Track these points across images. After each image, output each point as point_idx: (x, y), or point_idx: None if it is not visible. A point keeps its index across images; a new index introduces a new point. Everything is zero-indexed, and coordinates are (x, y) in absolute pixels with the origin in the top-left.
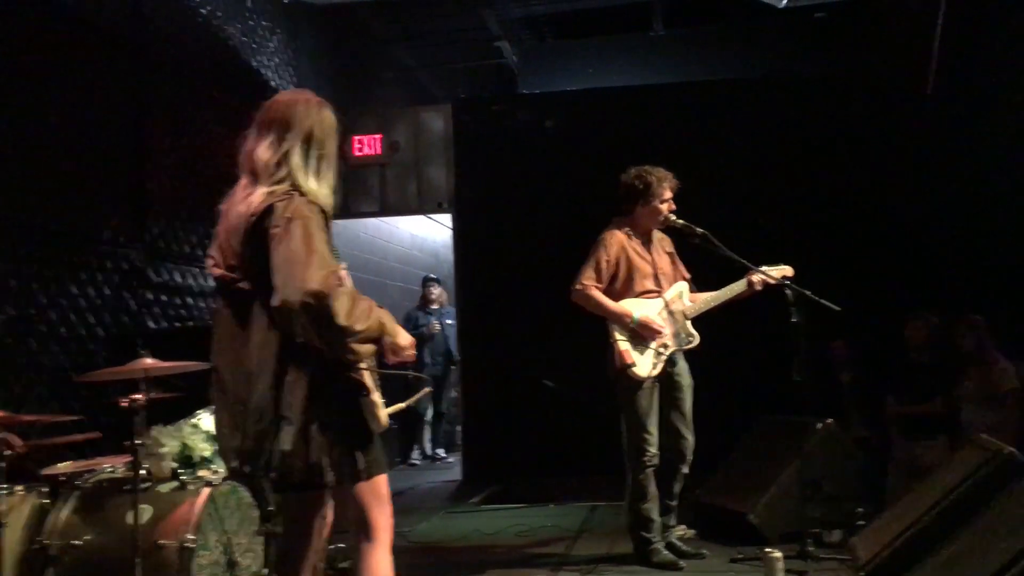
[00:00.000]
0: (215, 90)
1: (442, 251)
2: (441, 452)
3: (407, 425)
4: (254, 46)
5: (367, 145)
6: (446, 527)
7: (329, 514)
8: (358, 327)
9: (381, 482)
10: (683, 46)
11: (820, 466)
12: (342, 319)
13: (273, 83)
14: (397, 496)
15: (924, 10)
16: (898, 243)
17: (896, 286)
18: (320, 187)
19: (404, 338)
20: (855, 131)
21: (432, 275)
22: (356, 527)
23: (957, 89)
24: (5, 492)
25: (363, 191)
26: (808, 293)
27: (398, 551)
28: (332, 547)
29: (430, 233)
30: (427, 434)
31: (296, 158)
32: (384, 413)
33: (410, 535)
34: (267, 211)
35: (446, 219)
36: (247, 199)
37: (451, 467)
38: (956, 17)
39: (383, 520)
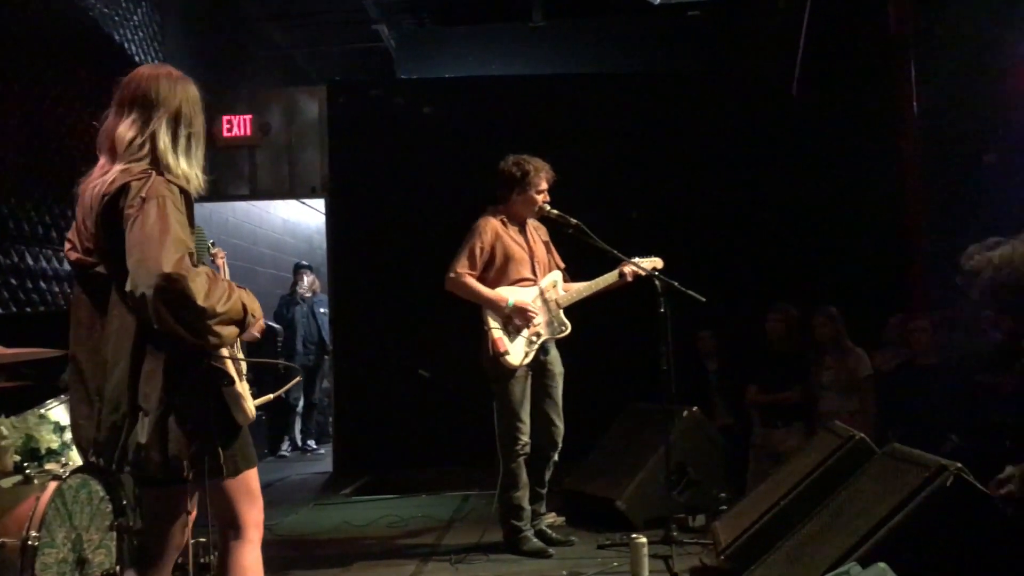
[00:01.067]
0: (72, 63)
1: (316, 237)
2: (312, 443)
3: (277, 416)
4: (116, 18)
5: (237, 126)
6: (315, 520)
7: (193, 509)
8: (219, 308)
9: (251, 477)
10: (562, 38)
11: (685, 452)
12: (200, 300)
13: (137, 58)
14: (265, 489)
15: (790, 12)
16: (762, 237)
17: (759, 279)
18: (191, 167)
19: (257, 325)
20: (724, 128)
21: (304, 262)
22: (223, 524)
23: (820, 91)
24: None
25: (233, 174)
26: (676, 284)
27: (263, 545)
28: (193, 541)
29: (303, 219)
30: (298, 425)
31: (163, 137)
32: (251, 404)
33: (276, 528)
34: (122, 190)
35: (320, 204)
36: (103, 178)
37: (322, 458)
38: (820, 20)
39: (252, 516)
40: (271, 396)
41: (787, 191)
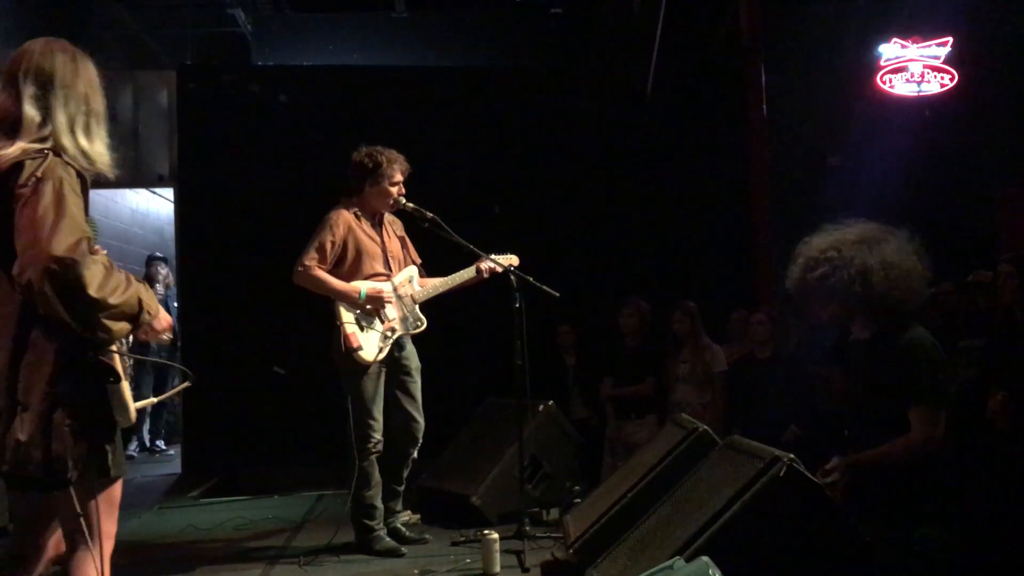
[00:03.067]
0: None
1: (167, 229)
2: (161, 444)
3: None
4: None
5: None
6: (159, 524)
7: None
8: (112, 300)
9: (117, 486)
10: (424, 29)
11: (540, 447)
12: (93, 290)
13: None
14: None
15: (645, 16)
16: (619, 233)
17: (616, 274)
18: (93, 145)
19: (163, 319)
20: (582, 125)
21: (158, 254)
22: (74, 529)
23: (673, 92)
24: None
25: None
26: (531, 280)
27: None
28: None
29: (153, 208)
30: (146, 424)
31: (61, 115)
32: (132, 406)
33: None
34: (13, 169)
35: (172, 194)
36: None
37: (171, 459)
38: (674, 24)
39: (110, 527)
40: (155, 399)
41: (641, 189)
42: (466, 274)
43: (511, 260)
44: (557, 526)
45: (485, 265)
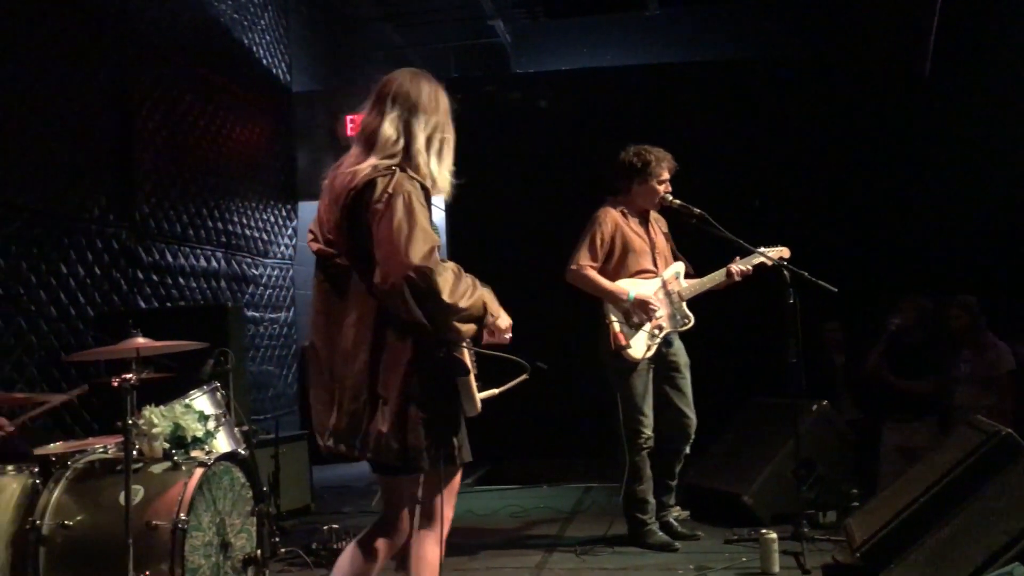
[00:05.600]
0: (204, 68)
1: None
2: None
3: None
4: (245, 24)
5: (359, 126)
6: None
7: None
8: (462, 304)
9: (458, 473)
10: (678, 26)
11: (814, 447)
12: (446, 295)
13: (265, 61)
14: None
15: None
16: (892, 225)
17: (889, 268)
18: (441, 169)
19: (504, 320)
20: (852, 113)
21: None
22: (422, 511)
23: (955, 70)
24: None
25: None
26: (805, 274)
27: None
28: (326, 527)
29: None
30: None
31: (421, 139)
32: (478, 396)
33: None
34: (367, 185)
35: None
36: (352, 171)
37: None
38: None
39: (449, 512)
40: (496, 391)
41: (919, 176)
42: (718, 276)
43: (781, 252)
44: (835, 529)
45: (736, 268)
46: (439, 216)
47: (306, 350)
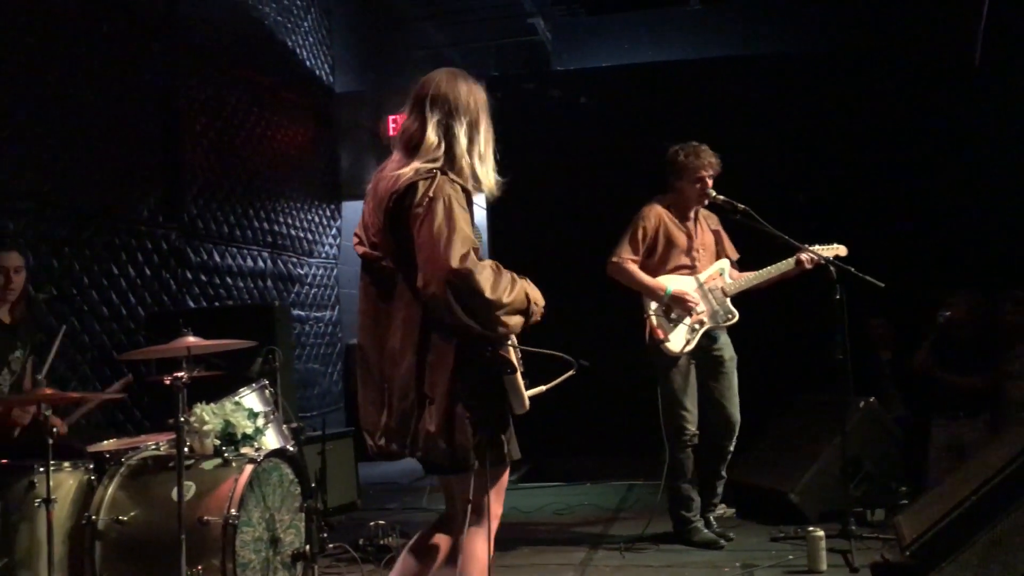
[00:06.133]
0: (249, 70)
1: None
2: None
3: None
4: (288, 26)
5: (400, 128)
6: None
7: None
8: (505, 299)
9: (507, 470)
10: (720, 20)
11: (861, 445)
12: (488, 293)
13: (308, 63)
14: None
15: None
16: (941, 217)
17: (937, 262)
18: (485, 168)
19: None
20: (899, 105)
21: None
22: (472, 507)
23: (1005, 59)
24: (53, 469)
25: None
26: (852, 269)
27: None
28: (373, 523)
29: None
30: None
31: (463, 142)
32: (526, 394)
33: None
34: (409, 188)
35: (479, 199)
36: (395, 175)
37: None
38: None
39: (497, 509)
40: (543, 388)
41: (969, 168)
42: (783, 266)
43: (836, 251)
44: (883, 527)
45: (806, 256)
46: (480, 215)
47: (354, 351)
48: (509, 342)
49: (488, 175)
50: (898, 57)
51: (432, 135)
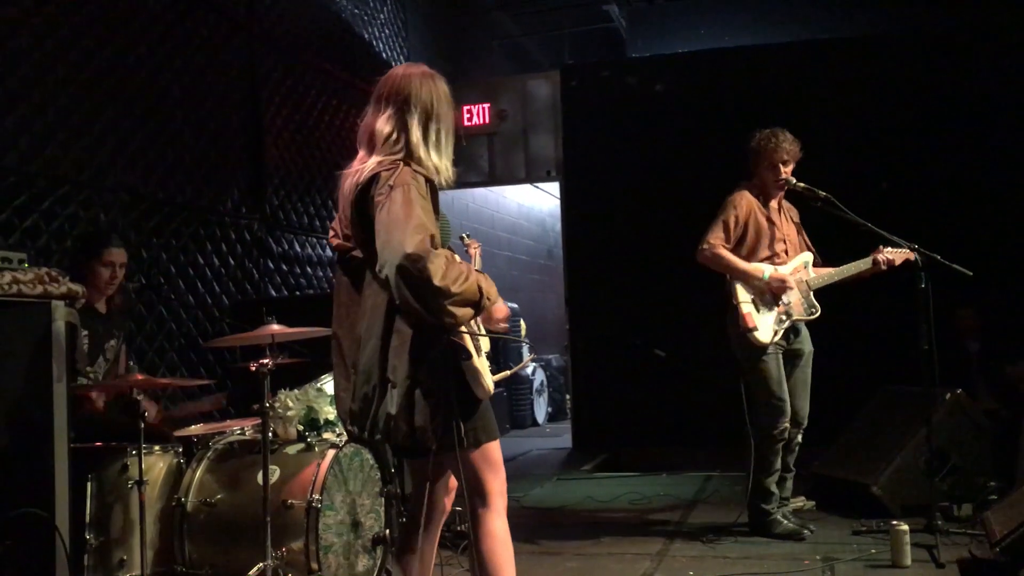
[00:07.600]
0: (327, 63)
1: (548, 220)
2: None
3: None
4: (365, 18)
5: (476, 115)
6: (560, 493)
7: (452, 479)
8: (454, 289)
9: (491, 448)
10: (796, 4)
11: (947, 438)
12: (437, 280)
13: (384, 55)
14: (508, 462)
15: None
16: None
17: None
18: (440, 159)
19: (501, 309)
20: (982, 90)
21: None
22: (469, 493)
23: None
24: (144, 452)
25: (471, 161)
26: (938, 257)
27: (512, 514)
28: (450, 510)
29: (536, 202)
30: (539, 402)
31: (416, 132)
32: (489, 379)
33: (524, 500)
34: (372, 179)
35: (552, 188)
36: (359, 168)
37: (561, 435)
38: None
39: (496, 485)
40: (507, 372)
41: None
42: (862, 264)
43: (907, 255)
44: (971, 522)
45: (883, 256)
46: (549, 201)
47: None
48: (464, 330)
49: (444, 165)
50: (983, 40)
51: (387, 128)
